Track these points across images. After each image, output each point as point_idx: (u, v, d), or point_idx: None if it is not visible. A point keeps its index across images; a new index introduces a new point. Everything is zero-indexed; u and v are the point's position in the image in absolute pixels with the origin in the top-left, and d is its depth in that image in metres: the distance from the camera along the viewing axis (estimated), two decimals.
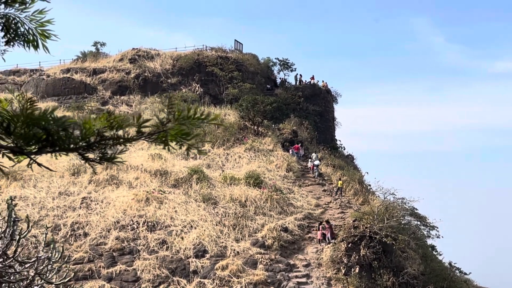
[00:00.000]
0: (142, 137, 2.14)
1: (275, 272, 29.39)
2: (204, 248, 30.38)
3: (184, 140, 2.14)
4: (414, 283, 31.06)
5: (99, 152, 2.15)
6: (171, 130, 2.14)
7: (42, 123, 1.92)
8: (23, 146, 1.98)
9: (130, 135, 2.13)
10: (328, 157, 46.10)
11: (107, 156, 2.18)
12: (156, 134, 2.16)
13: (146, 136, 2.15)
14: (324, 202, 37.34)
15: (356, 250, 30.82)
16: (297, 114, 52.91)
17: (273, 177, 38.99)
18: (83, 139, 2.02)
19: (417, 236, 37.08)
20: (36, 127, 1.92)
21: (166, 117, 2.14)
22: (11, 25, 2.61)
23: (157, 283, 28.11)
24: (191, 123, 2.09)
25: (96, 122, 2.00)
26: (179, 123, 2.10)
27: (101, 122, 2.01)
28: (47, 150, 2.01)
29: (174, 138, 2.18)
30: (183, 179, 36.94)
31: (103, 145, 2.10)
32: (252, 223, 32.86)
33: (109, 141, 2.09)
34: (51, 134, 1.93)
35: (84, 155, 2.13)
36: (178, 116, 2.06)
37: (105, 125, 2.02)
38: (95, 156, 2.19)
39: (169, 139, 2.17)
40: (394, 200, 36.13)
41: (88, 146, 2.05)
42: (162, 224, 31.92)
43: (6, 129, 1.92)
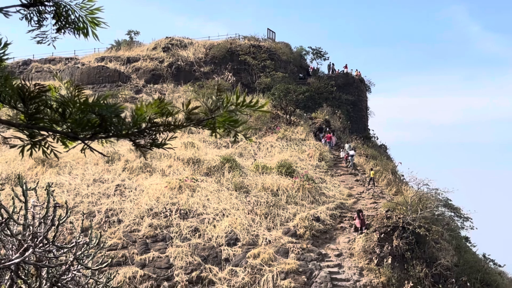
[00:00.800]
0: (191, 124, 2.16)
1: (306, 261, 29.41)
2: (236, 236, 30.54)
3: (232, 127, 2.16)
4: (447, 275, 30.76)
5: (149, 138, 2.18)
6: (219, 117, 2.16)
7: (96, 109, 1.95)
8: (77, 132, 2.02)
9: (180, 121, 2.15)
10: (361, 147, 45.80)
11: (157, 142, 2.21)
12: (204, 121, 2.18)
13: (195, 122, 2.17)
14: (356, 192, 37.15)
15: (388, 241, 30.64)
16: (329, 104, 52.63)
17: (305, 167, 38.92)
18: (135, 125, 2.05)
19: (451, 227, 36.69)
20: (90, 113, 1.96)
21: (214, 104, 2.16)
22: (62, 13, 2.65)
23: (190, 270, 28.39)
24: (239, 110, 2.11)
25: (148, 108, 2.03)
26: (227, 111, 2.11)
27: (153, 108, 2.03)
28: (101, 135, 2.05)
29: (222, 125, 2.19)
30: (215, 168, 37.15)
31: (153, 131, 2.13)
32: (284, 212, 32.90)
33: (160, 128, 2.11)
34: (105, 120, 1.96)
35: (135, 141, 2.16)
36: (227, 104, 2.07)
37: (156, 111, 2.05)
38: (145, 142, 2.22)
39: (217, 126, 2.19)
40: (428, 191, 35.77)
41: (140, 132, 2.08)
42: (194, 212, 32.18)
43: (62, 114, 1.96)
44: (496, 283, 34.17)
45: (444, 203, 38.34)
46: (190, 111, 2.09)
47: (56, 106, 1.97)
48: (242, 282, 28.08)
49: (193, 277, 28.05)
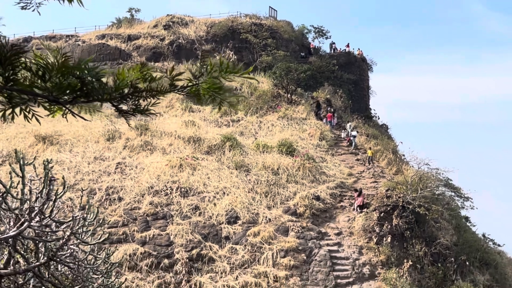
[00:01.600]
0: (175, 90, 2.14)
1: (306, 239, 29.55)
2: (236, 214, 30.65)
3: (217, 94, 2.14)
4: (447, 254, 30.92)
5: (132, 104, 2.16)
6: (204, 84, 2.13)
7: (77, 72, 1.93)
8: (58, 95, 2.00)
9: (163, 87, 2.13)
10: (362, 126, 45.76)
11: (140, 108, 2.19)
12: (188, 87, 2.15)
13: (179, 89, 2.15)
14: (357, 171, 37.20)
15: (388, 220, 30.75)
16: (331, 83, 52.47)
17: (305, 146, 38.93)
18: (117, 90, 2.02)
19: (451, 206, 36.77)
20: (71, 77, 1.93)
21: (198, 71, 2.13)
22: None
23: (190, 248, 28.54)
24: (223, 77, 2.08)
25: (130, 73, 2.01)
26: (211, 77, 2.09)
27: (135, 73, 2.01)
28: (82, 100, 2.02)
29: (207, 92, 2.17)
30: (216, 146, 37.15)
31: (136, 97, 2.10)
32: (284, 191, 32.98)
33: (143, 93, 2.09)
34: (85, 84, 1.94)
35: (118, 107, 2.14)
36: (211, 70, 2.05)
37: (139, 76, 2.02)
38: (128, 108, 2.20)
39: (201, 93, 2.16)
40: (428, 171, 35.78)
41: (122, 97, 2.05)
42: (195, 190, 32.26)
43: (42, 77, 1.94)
44: (495, 262, 34.37)
45: (444, 182, 38.36)
46: (173, 77, 2.06)
47: (36, 69, 1.95)
48: (242, 259, 28.25)
49: (193, 254, 28.22)
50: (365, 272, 28.46)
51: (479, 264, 32.81)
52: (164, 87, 2.12)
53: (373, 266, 28.87)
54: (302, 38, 60.62)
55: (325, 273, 27.84)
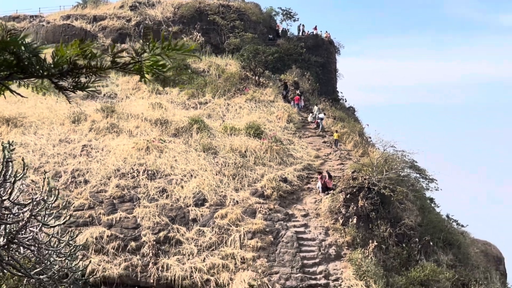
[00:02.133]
0: (117, 67, 2.13)
1: (273, 221, 29.75)
2: (203, 197, 30.66)
3: (160, 72, 2.12)
4: (411, 234, 31.47)
5: (72, 80, 2.13)
6: (147, 61, 2.12)
7: (12, 48, 1.89)
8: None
9: (104, 64, 2.11)
10: (329, 109, 46.04)
11: (80, 85, 2.16)
12: (131, 64, 2.14)
13: (121, 66, 2.13)
14: (324, 154, 37.48)
15: (354, 201, 31.12)
16: (299, 65, 52.54)
17: (273, 128, 39.03)
18: (56, 67, 1.99)
19: (416, 188, 37.42)
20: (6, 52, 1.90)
21: (141, 48, 2.12)
22: None
23: (157, 230, 28.49)
24: (167, 54, 2.07)
25: (69, 49, 1.98)
26: (154, 54, 2.07)
27: (74, 50, 1.98)
28: (18, 76, 1.99)
29: (150, 70, 2.15)
30: (183, 129, 36.99)
31: (76, 74, 2.08)
32: (251, 173, 33.08)
33: (82, 70, 2.07)
34: (22, 59, 1.90)
35: (57, 83, 2.11)
36: (153, 47, 2.04)
37: (78, 53, 2.00)
38: (68, 85, 2.17)
39: (144, 71, 2.15)
40: (394, 153, 36.30)
41: (61, 74, 2.03)
42: (162, 172, 32.13)
43: None
44: (458, 242, 35.10)
45: (409, 164, 38.95)
46: (115, 54, 2.05)
47: None
48: (210, 242, 28.33)
49: (161, 237, 28.18)
50: (331, 253, 28.82)
51: (442, 244, 33.48)
52: (104, 64, 2.10)
53: (339, 247, 29.25)
54: (270, 21, 60.45)
55: (291, 254, 28.10)
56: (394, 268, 29.56)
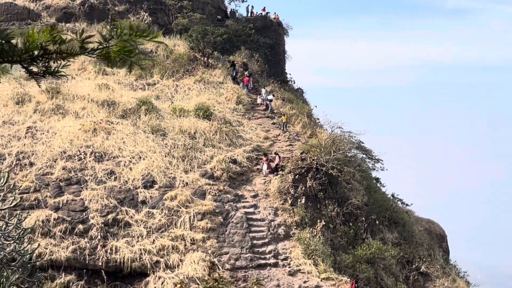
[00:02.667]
0: (85, 53, 2.16)
1: (223, 202, 29.90)
2: (152, 179, 30.51)
3: (127, 57, 2.17)
4: (358, 213, 32.24)
5: (43, 65, 2.16)
6: (114, 47, 2.16)
7: None
8: None
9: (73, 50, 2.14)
10: (278, 91, 46.28)
11: (50, 70, 2.19)
12: (99, 50, 2.17)
13: (89, 51, 2.17)
14: (273, 135, 37.78)
15: (303, 182, 31.58)
16: (247, 47, 52.46)
17: (222, 110, 39.02)
18: (27, 52, 2.02)
19: (362, 168, 38.20)
20: None
21: (109, 34, 2.16)
22: None
23: (105, 213, 28.24)
24: (133, 40, 2.12)
25: (40, 35, 2.00)
26: (121, 40, 2.12)
27: (45, 36, 2.01)
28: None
29: (117, 55, 2.20)
30: (131, 110, 36.53)
31: (46, 59, 2.10)
32: (201, 154, 33.07)
33: (53, 55, 2.09)
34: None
35: (28, 68, 2.13)
36: (121, 33, 2.08)
37: (49, 38, 2.02)
38: (38, 70, 2.20)
39: (112, 56, 2.19)
40: (341, 134, 36.91)
41: (32, 59, 2.05)
42: (110, 154, 31.74)
43: None
44: (403, 221, 36.18)
45: (356, 145, 39.66)
46: (83, 39, 2.09)
47: None
48: (159, 223, 28.30)
49: (109, 219, 27.97)
50: (280, 233, 29.24)
51: (388, 223, 34.45)
52: (74, 49, 2.14)
53: (288, 227, 29.69)
54: (218, 1, 60.08)
55: (241, 235, 28.37)
56: (342, 247, 30.28)
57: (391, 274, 30.60)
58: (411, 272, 32.05)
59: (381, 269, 30.03)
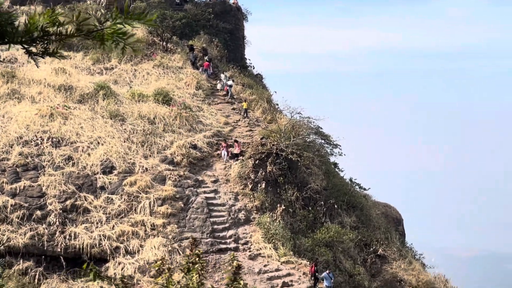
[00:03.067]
0: (81, 35, 2.21)
1: (183, 188, 29.90)
2: (111, 164, 30.25)
3: (121, 39, 2.22)
4: (317, 198, 32.68)
5: (42, 46, 2.20)
6: (108, 29, 2.21)
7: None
8: None
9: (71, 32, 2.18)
10: (238, 76, 46.25)
11: (49, 51, 2.23)
12: (94, 32, 2.22)
13: (85, 33, 2.21)
14: (233, 120, 37.82)
15: (263, 167, 31.80)
16: (207, 32, 52.12)
17: (182, 95, 38.81)
18: (28, 34, 2.05)
19: (321, 153, 38.60)
20: None
21: (104, 16, 2.20)
22: None
23: (64, 199, 27.92)
24: (127, 23, 2.17)
25: (41, 18, 2.04)
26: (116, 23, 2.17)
27: (45, 18, 2.04)
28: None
29: (111, 37, 2.25)
30: (89, 95, 36.00)
31: (45, 40, 2.14)
32: (161, 140, 32.91)
33: (51, 37, 2.13)
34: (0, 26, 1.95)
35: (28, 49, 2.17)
36: (116, 16, 2.13)
37: (49, 21, 2.06)
38: (37, 50, 2.23)
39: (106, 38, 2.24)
40: (300, 119, 37.19)
41: (32, 40, 2.09)
42: (67, 140, 31.29)
43: None
44: (361, 205, 36.78)
45: (315, 130, 40.02)
46: (80, 22, 2.13)
47: None
48: (118, 209, 28.15)
49: (68, 205, 27.69)
50: (241, 217, 29.44)
51: (346, 207, 34.99)
52: (72, 31, 2.18)
53: (248, 212, 29.92)
54: None
55: (202, 220, 28.46)
56: (301, 231, 30.68)
57: (349, 257, 31.18)
58: (369, 255, 32.72)
59: (339, 252, 30.56)
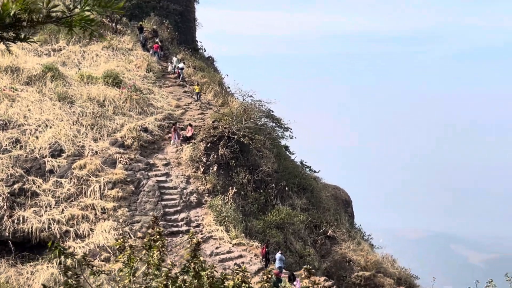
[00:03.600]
0: (52, 21, 2.25)
1: (134, 171, 29.72)
2: (60, 147, 29.77)
3: (88, 25, 2.27)
4: (268, 180, 33.00)
5: (14, 32, 2.23)
6: (77, 16, 2.26)
7: None
8: None
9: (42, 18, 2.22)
10: (189, 59, 45.99)
11: (20, 37, 2.26)
12: (63, 18, 2.27)
13: (54, 20, 2.25)
14: (184, 103, 37.65)
15: (215, 150, 31.88)
16: (157, 13, 51.50)
17: (132, 77, 38.35)
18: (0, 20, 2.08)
19: (273, 136, 38.95)
20: None
21: (72, 4, 2.26)
22: None
23: (11, 183, 27.39)
24: (95, 10, 2.23)
25: (14, 5, 2.07)
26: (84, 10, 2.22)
27: (17, 5, 2.08)
28: None
29: (79, 24, 2.30)
30: (36, 77, 35.16)
31: (18, 27, 2.18)
32: (111, 123, 32.53)
33: (23, 23, 2.17)
34: None
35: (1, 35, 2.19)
36: (85, 3, 2.18)
37: (21, 8, 2.09)
38: (9, 36, 2.26)
39: (74, 24, 2.29)
40: (252, 102, 37.37)
41: (4, 27, 2.12)
42: (14, 122, 30.59)
43: None
44: (311, 187, 37.33)
45: (266, 114, 40.30)
46: (50, 9, 2.17)
47: None
48: (68, 193, 27.80)
49: (16, 189, 27.19)
50: (193, 200, 29.51)
51: (297, 189, 35.48)
52: (42, 18, 2.22)
53: (200, 194, 30.00)
54: None
55: (153, 203, 28.40)
56: (253, 213, 31.00)
57: (300, 238, 31.69)
58: (319, 236, 33.32)
59: (290, 233, 31.03)
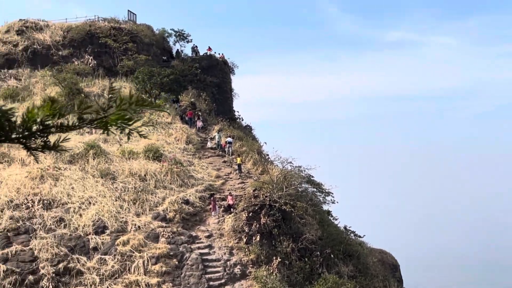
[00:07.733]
0: (84, 124, 2.10)
1: (177, 244, 29.45)
2: (103, 224, 29.83)
3: (125, 125, 2.12)
4: (313, 248, 32.23)
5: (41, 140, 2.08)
6: (112, 116, 2.11)
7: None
8: None
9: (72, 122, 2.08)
10: (227, 129, 46.38)
11: (49, 144, 2.12)
12: (97, 120, 2.12)
13: (88, 122, 2.11)
14: (224, 173, 37.66)
15: (256, 219, 31.48)
16: (194, 86, 52.62)
17: (172, 150, 38.75)
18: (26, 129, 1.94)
19: (314, 202, 38.38)
20: None
21: (107, 103, 2.11)
22: None
23: (56, 262, 27.38)
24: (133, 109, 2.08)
25: (40, 111, 1.93)
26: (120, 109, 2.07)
27: (45, 111, 1.94)
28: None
29: (115, 124, 2.15)
30: (79, 155, 35.82)
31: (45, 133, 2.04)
32: (152, 197, 32.61)
33: (51, 129, 2.03)
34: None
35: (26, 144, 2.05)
36: (120, 103, 2.04)
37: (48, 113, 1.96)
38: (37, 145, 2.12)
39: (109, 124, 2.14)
40: (292, 169, 37.08)
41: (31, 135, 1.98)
42: (58, 201, 30.94)
43: None
44: (357, 253, 36.31)
45: (307, 179, 39.86)
46: (82, 111, 2.03)
47: None
48: (112, 270, 27.60)
49: (60, 268, 27.12)
50: (237, 272, 28.94)
51: (342, 256, 34.51)
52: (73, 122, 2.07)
53: (244, 266, 29.43)
54: (163, 42, 60.17)
55: (197, 277, 27.94)
56: (298, 283, 30.13)
57: None
58: None
59: None
